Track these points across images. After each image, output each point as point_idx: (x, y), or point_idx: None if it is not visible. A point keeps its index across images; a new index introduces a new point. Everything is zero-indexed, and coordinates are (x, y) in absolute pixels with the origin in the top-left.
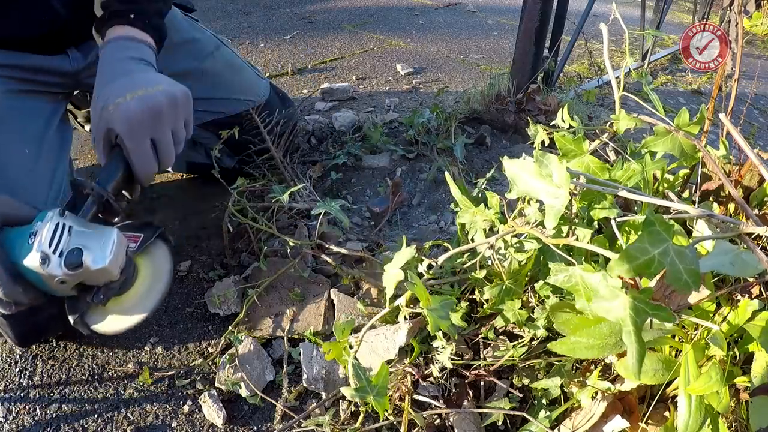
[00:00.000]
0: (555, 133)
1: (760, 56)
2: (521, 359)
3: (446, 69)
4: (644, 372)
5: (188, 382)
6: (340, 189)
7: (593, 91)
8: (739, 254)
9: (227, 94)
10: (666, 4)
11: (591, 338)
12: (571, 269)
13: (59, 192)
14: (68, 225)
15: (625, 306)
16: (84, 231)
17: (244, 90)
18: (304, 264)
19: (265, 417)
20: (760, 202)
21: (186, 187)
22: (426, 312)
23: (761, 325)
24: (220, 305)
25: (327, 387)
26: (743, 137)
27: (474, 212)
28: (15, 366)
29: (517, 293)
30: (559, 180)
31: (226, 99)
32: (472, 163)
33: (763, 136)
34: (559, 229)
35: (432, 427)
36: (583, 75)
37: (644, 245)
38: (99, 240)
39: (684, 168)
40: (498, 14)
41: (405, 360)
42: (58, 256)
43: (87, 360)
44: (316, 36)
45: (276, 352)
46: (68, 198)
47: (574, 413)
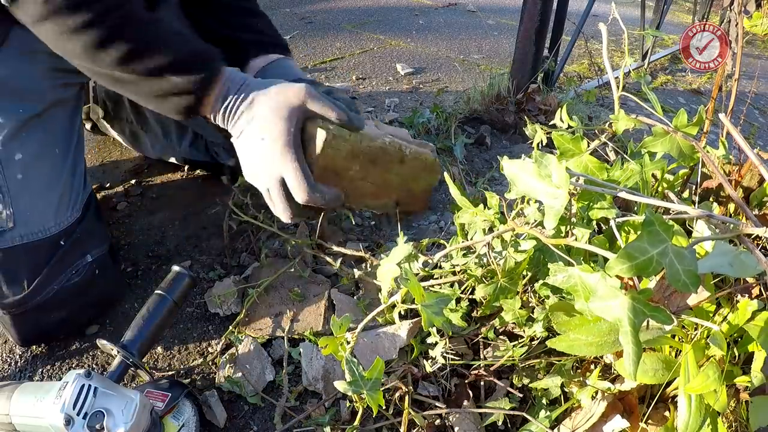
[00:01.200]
0: (553, 132)
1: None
2: (521, 359)
3: (446, 69)
4: (644, 372)
5: (188, 382)
6: None
7: (593, 91)
8: (738, 255)
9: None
10: (666, 4)
11: (590, 336)
12: (570, 269)
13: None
14: (93, 386)
15: (624, 306)
16: (108, 393)
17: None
18: (304, 264)
19: (265, 417)
20: (760, 202)
21: (186, 187)
22: (420, 308)
23: (761, 326)
24: (220, 305)
25: (327, 387)
26: (743, 137)
27: (473, 212)
28: (15, 366)
29: (512, 292)
30: (558, 180)
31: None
32: (472, 163)
33: (763, 136)
34: (559, 229)
35: (432, 427)
36: (583, 75)
37: (643, 245)
38: (122, 403)
39: (684, 168)
40: (498, 14)
41: (405, 360)
42: (82, 417)
43: (87, 360)
44: (316, 36)
45: (276, 352)
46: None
47: (574, 413)
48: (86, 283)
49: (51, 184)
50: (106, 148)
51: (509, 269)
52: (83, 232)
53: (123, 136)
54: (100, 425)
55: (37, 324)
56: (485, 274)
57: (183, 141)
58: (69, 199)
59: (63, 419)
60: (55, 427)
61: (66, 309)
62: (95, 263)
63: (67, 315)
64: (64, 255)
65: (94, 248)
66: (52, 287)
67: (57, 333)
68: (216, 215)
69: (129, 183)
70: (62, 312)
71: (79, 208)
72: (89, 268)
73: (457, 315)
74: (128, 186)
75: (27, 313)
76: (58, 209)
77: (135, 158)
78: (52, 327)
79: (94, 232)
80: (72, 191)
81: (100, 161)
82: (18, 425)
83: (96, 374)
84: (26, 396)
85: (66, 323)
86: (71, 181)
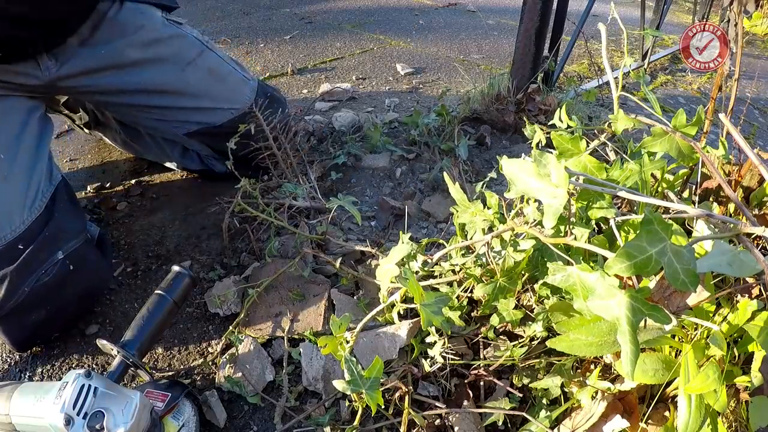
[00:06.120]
0: (552, 132)
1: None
2: (521, 359)
3: (446, 69)
4: (644, 372)
5: (188, 382)
6: (340, 189)
7: (593, 91)
8: (737, 254)
9: (210, 103)
10: (666, 4)
11: (590, 335)
12: (569, 269)
13: (37, 194)
14: (93, 386)
15: (622, 305)
16: (108, 393)
17: (227, 98)
18: (304, 264)
19: (265, 417)
20: (760, 202)
21: (186, 187)
22: (419, 307)
23: (761, 326)
24: (220, 305)
25: (327, 387)
26: (743, 137)
27: (473, 212)
28: (15, 366)
29: (511, 291)
30: (557, 180)
31: (209, 109)
32: (472, 163)
33: (763, 136)
34: (558, 228)
35: (432, 427)
36: (583, 75)
37: (642, 244)
38: (121, 403)
39: (684, 168)
40: (498, 14)
41: (405, 360)
42: (82, 417)
43: (87, 360)
44: (316, 36)
45: (276, 352)
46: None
47: (574, 413)
48: (59, 281)
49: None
50: (106, 148)
51: (508, 269)
52: (51, 230)
53: (116, 143)
54: (100, 425)
55: (22, 325)
56: (484, 274)
57: (174, 151)
58: (24, 202)
59: (63, 419)
60: (55, 427)
61: (44, 308)
62: (69, 259)
63: (49, 314)
64: (29, 257)
65: (66, 243)
66: (23, 290)
67: (47, 332)
68: (216, 215)
69: (129, 183)
70: (41, 312)
71: (40, 208)
72: (62, 266)
73: (456, 314)
74: (128, 186)
75: (8, 317)
76: (11, 215)
77: (135, 158)
78: (38, 327)
79: (64, 228)
80: (28, 192)
81: (100, 161)
82: (18, 425)
83: (96, 374)
84: (26, 396)
85: (52, 321)
86: (26, 183)
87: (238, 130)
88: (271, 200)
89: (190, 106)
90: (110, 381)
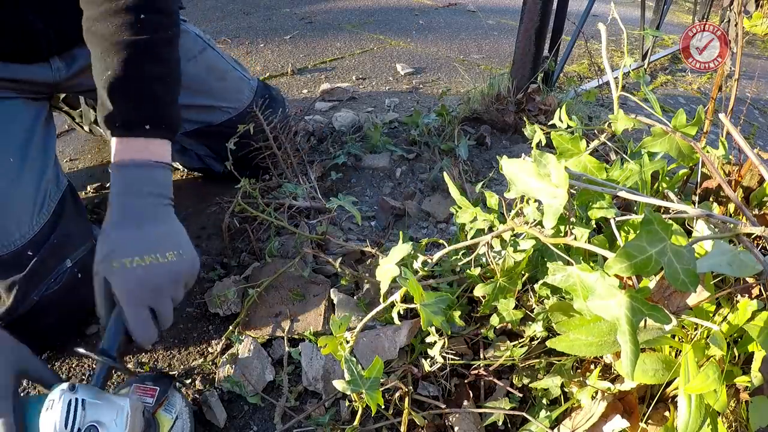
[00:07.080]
0: (552, 132)
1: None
2: (521, 359)
3: (446, 69)
4: (644, 372)
5: (188, 382)
6: (340, 189)
7: (593, 91)
8: (737, 254)
9: (208, 101)
10: (666, 4)
11: (590, 335)
12: (569, 268)
13: (45, 198)
14: (81, 399)
15: (621, 305)
16: (97, 403)
17: (226, 97)
18: (304, 264)
19: (265, 417)
20: (760, 202)
21: (186, 187)
22: (419, 307)
23: (761, 326)
24: (220, 305)
25: (327, 387)
26: (743, 137)
27: (473, 212)
28: None
29: (511, 291)
30: (557, 180)
31: (207, 107)
32: (472, 163)
33: (763, 136)
34: (558, 228)
35: (432, 427)
36: (583, 75)
37: (642, 243)
38: (112, 413)
39: (684, 168)
40: (498, 14)
41: (405, 360)
42: None
43: (87, 360)
44: (316, 36)
45: (276, 352)
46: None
47: (574, 413)
48: (68, 289)
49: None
50: (106, 148)
51: (508, 268)
52: (59, 237)
53: None
54: None
55: (32, 332)
56: (484, 274)
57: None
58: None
59: None
60: None
61: (54, 315)
62: (77, 267)
63: (58, 320)
64: (39, 265)
65: (74, 251)
66: (32, 298)
67: (56, 338)
68: (216, 215)
69: None
70: (51, 318)
71: (48, 213)
72: (70, 274)
73: (456, 314)
74: None
75: (19, 324)
76: (20, 220)
77: None
78: (48, 333)
79: (72, 235)
80: (37, 196)
81: (100, 161)
82: None
83: (80, 385)
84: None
85: (61, 327)
86: (36, 187)
87: (237, 130)
88: (271, 200)
89: (188, 103)
90: (97, 389)
